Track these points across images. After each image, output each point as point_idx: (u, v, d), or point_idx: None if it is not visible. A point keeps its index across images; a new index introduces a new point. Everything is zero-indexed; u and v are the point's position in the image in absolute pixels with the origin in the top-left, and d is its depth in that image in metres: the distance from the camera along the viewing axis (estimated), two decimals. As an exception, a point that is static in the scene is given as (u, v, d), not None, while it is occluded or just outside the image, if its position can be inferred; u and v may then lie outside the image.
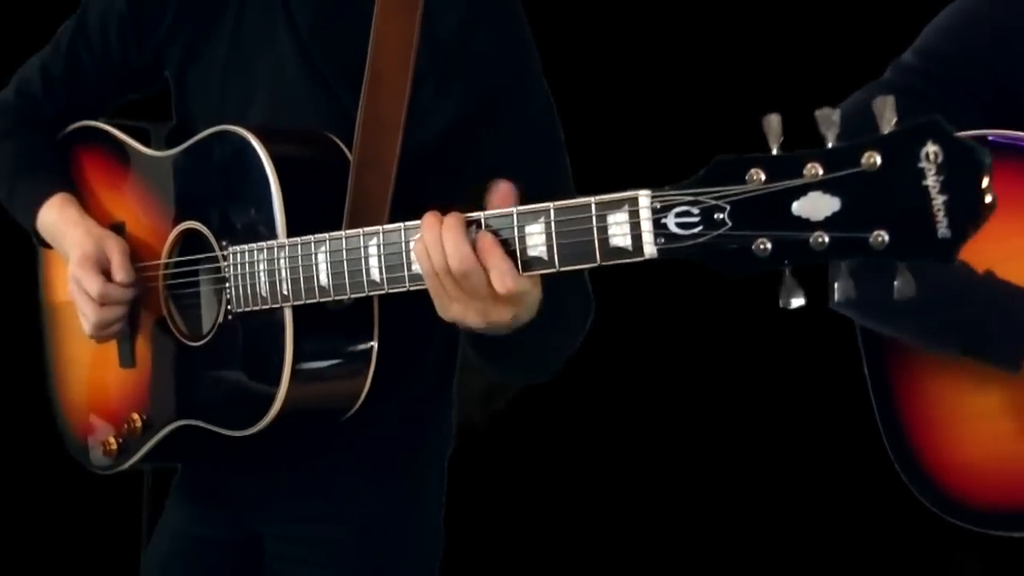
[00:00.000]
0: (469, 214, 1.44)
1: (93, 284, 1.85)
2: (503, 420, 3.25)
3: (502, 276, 1.41)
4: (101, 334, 1.90)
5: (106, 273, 1.87)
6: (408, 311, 1.64)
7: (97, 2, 2.00)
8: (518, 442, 3.36)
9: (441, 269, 1.44)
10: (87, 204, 2.00)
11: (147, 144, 1.97)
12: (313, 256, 1.61)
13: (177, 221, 1.84)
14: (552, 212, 1.39)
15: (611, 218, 1.34)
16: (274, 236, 1.66)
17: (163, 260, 1.86)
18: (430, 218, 1.45)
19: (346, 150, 1.72)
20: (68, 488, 2.86)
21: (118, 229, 1.94)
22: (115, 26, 1.97)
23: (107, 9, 1.98)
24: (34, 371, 2.19)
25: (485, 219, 1.43)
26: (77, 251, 1.89)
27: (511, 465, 3.44)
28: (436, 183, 1.67)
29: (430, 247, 1.44)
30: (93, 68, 2.02)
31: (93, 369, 2.05)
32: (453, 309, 1.48)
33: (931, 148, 1.14)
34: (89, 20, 2.01)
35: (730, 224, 1.25)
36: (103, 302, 1.85)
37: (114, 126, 2.02)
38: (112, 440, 1.97)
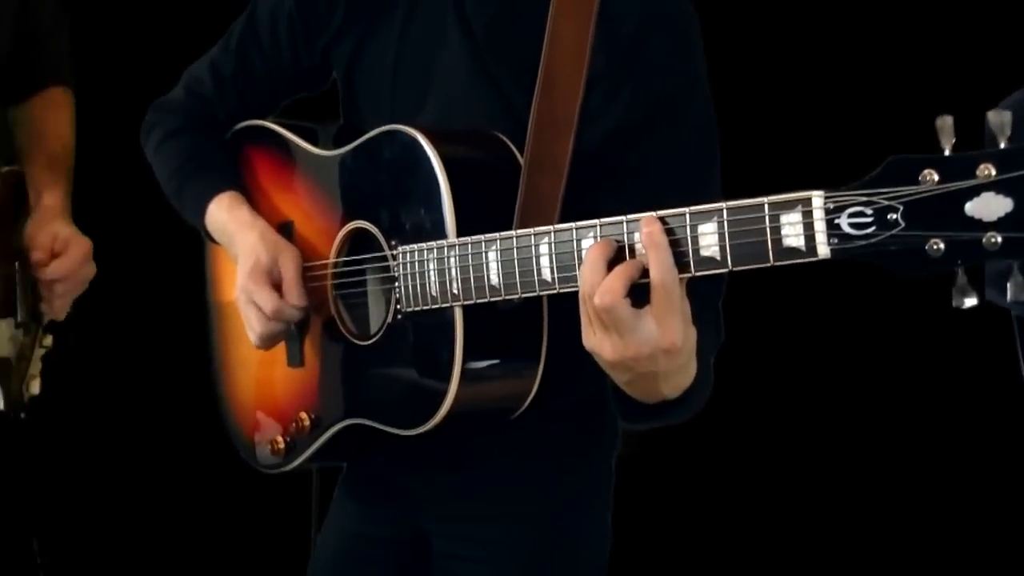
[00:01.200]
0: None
1: (267, 300, 1.96)
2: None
3: None
4: (265, 345, 2.04)
5: (276, 286, 1.98)
6: (578, 315, 1.76)
7: (267, 1, 2.13)
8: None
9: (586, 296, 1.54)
10: (256, 203, 2.12)
11: (315, 144, 2.09)
12: (484, 255, 1.72)
13: (346, 220, 1.98)
14: (725, 212, 1.48)
15: (784, 218, 1.42)
16: (443, 236, 1.78)
17: (332, 259, 1.99)
18: (594, 248, 1.55)
19: (516, 151, 1.83)
20: (237, 488, 3.00)
21: (287, 228, 2.08)
22: (285, 25, 2.10)
23: (277, 8, 2.10)
24: (202, 370, 2.34)
25: (661, 218, 1.53)
26: (249, 260, 1.99)
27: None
28: (599, 186, 1.78)
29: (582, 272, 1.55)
30: (263, 67, 2.15)
31: (261, 368, 2.19)
32: (591, 340, 1.57)
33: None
34: (259, 19, 2.14)
35: (903, 224, 1.33)
36: (273, 317, 1.97)
37: (282, 125, 2.16)
38: (280, 439, 2.11)
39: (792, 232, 1.42)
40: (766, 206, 1.44)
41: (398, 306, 1.86)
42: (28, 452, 2.29)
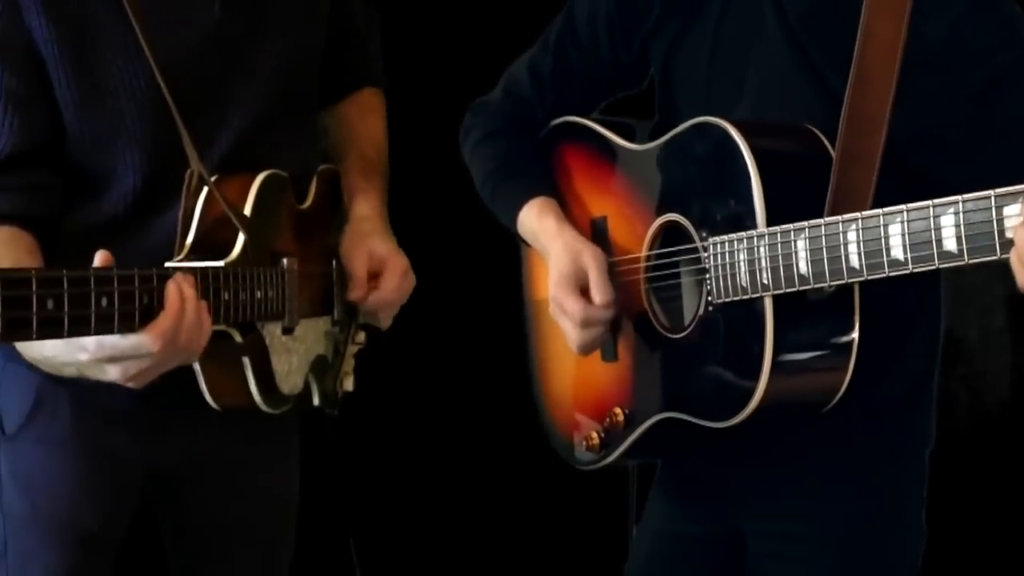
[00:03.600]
0: None
1: (574, 307, 2.13)
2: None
3: None
4: (585, 351, 2.20)
5: (584, 289, 2.14)
6: (890, 302, 1.86)
7: (584, 1, 2.28)
8: None
9: None
10: (570, 199, 2.30)
11: (632, 139, 2.23)
12: (792, 244, 1.84)
13: (658, 214, 2.12)
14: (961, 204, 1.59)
15: (1007, 210, 1.54)
16: (754, 226, 1.90)
17: (644, 253, 2.14)
18: None
19: (827, 143, 1.94)
20: (553, 485, 3.14)
21: (601, 223, 2.24)
22: (603, 22, 2.25)
23: (595, 6, 2.26)
24: (518, 367, 2.50)
25: (906, 211, 1.65)
26: (555, 270, 2.18)
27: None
28: (904, 178, 1.89)
29: None
30: (581, 66, 2.31)
31: (576, 363, 2.33)
32: None
33: None
34: (577, 17, 2.30)
35: None
36: (585, 325, 2.14)
37: (598, 121, 2.31)
38: (595, 435, 2.26)
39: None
40: (993, 198, 1.56)
41: (709, 298, 1.99)
42: (342, 450, 2.43)
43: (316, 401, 2.24)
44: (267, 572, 2.39)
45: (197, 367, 1.97)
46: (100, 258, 1.73)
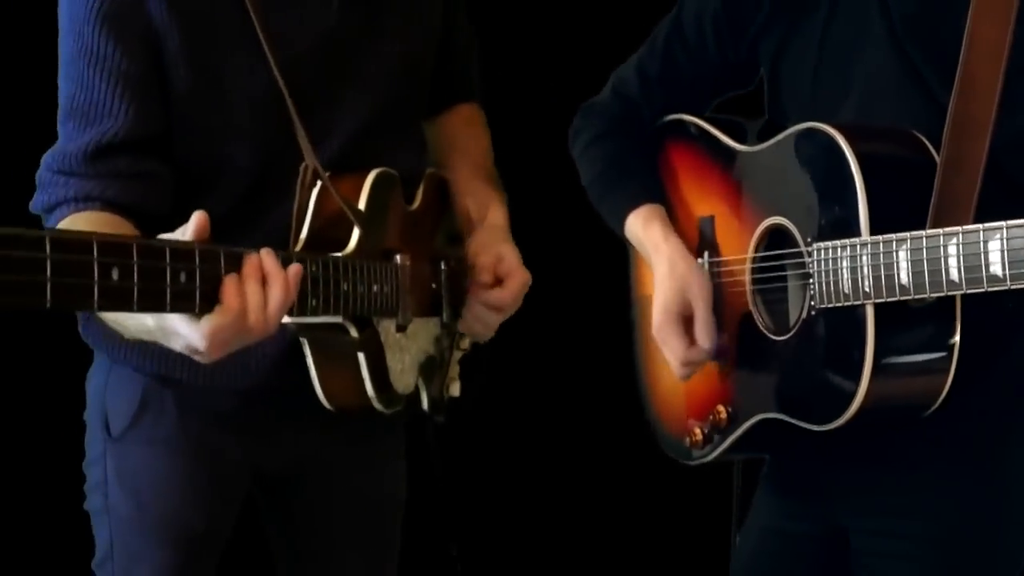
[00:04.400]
0: None
1: (678, 348, 2.23)
2: None
3: None
4: (686, 378, 2.29)
5: (689, 320, 2.23)
6: (992, 308, 1.91)
7: (692, 1, 2.33)
8: None
9: None
10: (677, 198, 2.36)
11: (740, 139, 2.29)
12: (894, 254, 1.89)
13: (763, 216, 2.17)
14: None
15: None
16: (857, 234, 1.95)
17: (749, 255, 2.20)
18: None
19: (933, 150, 1.98)
20: (658, 481, 3.19)
21: (708, 223, 2.30)
22: (711, 23, 2.30)
23: (703, 6, 2.31)
24: (623, 364, 2.56)
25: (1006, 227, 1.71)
26: (660, 300, 2.25)
27: None
28: (1007, 186, 1.93)
29: None
30: (690, 67, 2.36)
31: (680, 361, 2.41)
32: None
33: None
34: (685, 18, 2.35)
35: None
36: (686, 365, 2.24)
37: (708, 120, 2.36)
38: (698, 431, 2.32)
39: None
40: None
41: (812, 302, 2.04)
42: (446, 454, 2.45)
43: (425, 405, 2.27)
44: (373, 574, 2.42)
45: (311, 365, 2.00)
46: (197, 222, 1.70)
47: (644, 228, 2.31)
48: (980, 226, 1.78)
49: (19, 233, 1.32)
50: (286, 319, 1.79)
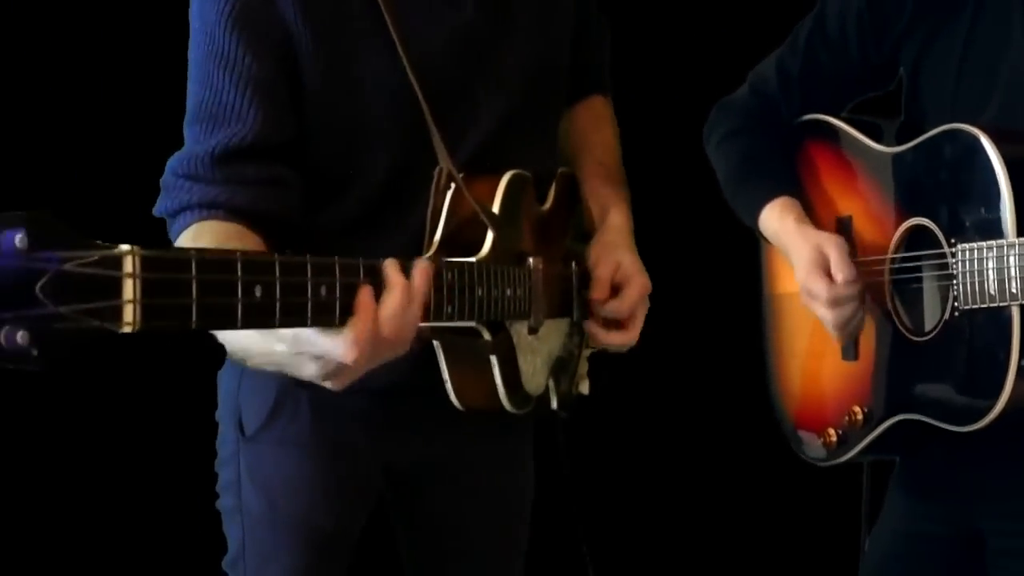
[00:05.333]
0: None
1: (820, 287, 2.20)
2: None
3: None
4: (845, 333, 2.26)
5: (829, 272, 2.20)
6: None
7: (835, 0, 2.32)
8: None
9: None
10: (814, 197, 2.35)
11: (878, 140, 2.28)
12: (1043, 255, 1.88)
13: (904, 217, 2.16)
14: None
15: None
16: (1003, 235, 1.94)
17: (889, 255, 2.18)
18: None
19: None
20: (787, 482, 3.18)
21: (845, 222, 2.29)
22: (854, 22, 2.30)
23: (846, 5, 2.30)
24: (752, 364, 2.57)
25: None
26: (799, 261, 2.24)
27: None
28: None
29: None
30: (830, 66, 2.35)
31: (814, 361, 2.41)
32: None
33: None
34: (828, 17, 2.34)
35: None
36: (834, 304, 2.20)
37: (845, 120, 2.35)
38: (832, 432, 2.32)
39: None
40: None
41: (955, 304, 2.03)
42: (577, 454, 2.44)
43: (554, 404, 2.26)
44: (501, 573, 2.43)
45: (444, 368, 2.01)
46: None
47: (780, 219, 2.31)
48: None
49: (164, 255, 1.30)
50: (421, 323, 1.77)
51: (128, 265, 1.23)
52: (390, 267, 1.65)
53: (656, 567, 3.86)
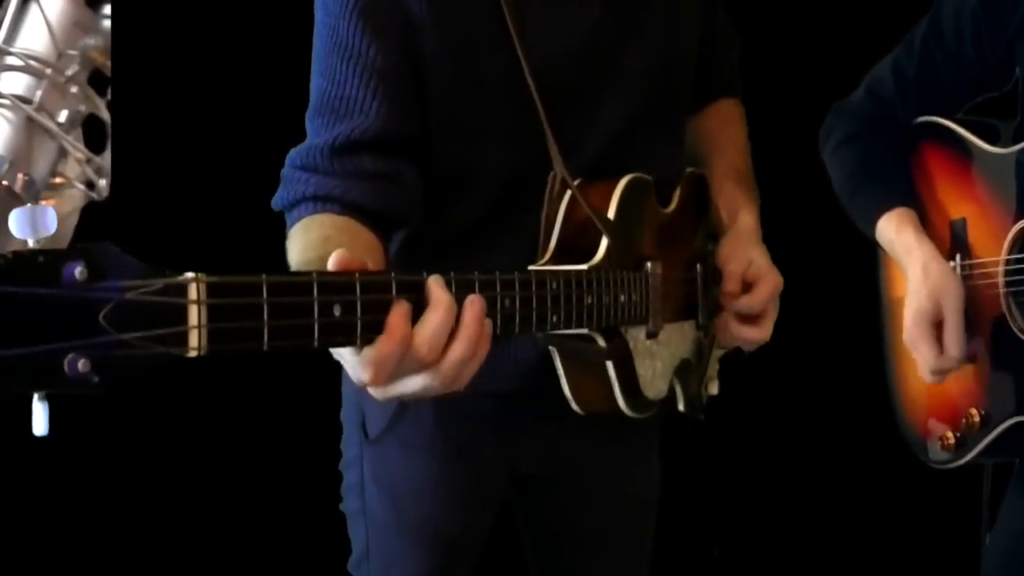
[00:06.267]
0: None
1: (928, 356, 2.25)
2: None
3: None
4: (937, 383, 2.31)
5: (939, 325, 2.24)
6: None
7: (950, 1, 2.33)
8: None
9: None
10: (928, 199, 2.37)
11: (994, 141, 2.29)
12: None
13: (1018, 218, 2.18)
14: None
15: None
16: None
17: (1004, 256, 2.20)
18: None
19: None
20: (908, 482, 3.17)
21: (960, 225, 2.30)
22: (969, 23, 2.30)
23: (961, 6, 2.31)
24: (875, 365, 2.59)
25: None
26: (912, 303, 2.27)
27: None
28: None
29: None
30: (947, 67, 2.36)
31: (931, 364, 2.42)
32: None
33: None
34: (943, 19, 2.35)
35: None
36: (936, 373, 2.26)
37: (960, 122, 2.37)
38: (950, 435, 2.34)
39: None
40: None
41: (1069, 306, 2.04)
42: (707, 455, 2.43)
43: (681, 406, 2.25)
44: (627, 574, 2.43)
45: (561, 373, 2.00)
46: (337, 259, 1.49)
47: (897, 231, 2.33)
48: None
49: (231, 281, 1.30)
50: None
51: (193, 292, 1.25)
52: (435, 285, 1.52)
53: (782, 566, 3.87)
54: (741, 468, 3.76)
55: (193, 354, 1.25)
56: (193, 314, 1.25)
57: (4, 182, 3.09)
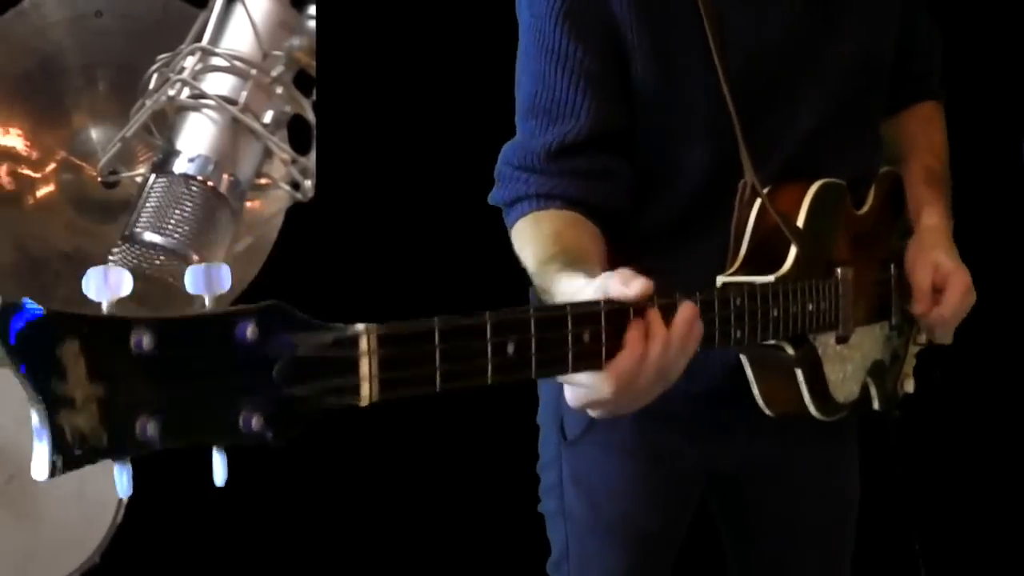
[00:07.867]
0: None
1: None
2: None
3: None
4: None
5: None
6: None
7: None
8: None
9: None
10: None
11: None
12: None
13: None
14: None
15: None
16: None
17: None
18: None
19: None
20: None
21: None
22: None
23: None
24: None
25: None
26: None
27: None
28: None
29: None
30: None
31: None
32: None
33: None
34: None
35: None
36: None
37: None
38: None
39: None
40: None
41: None
42: (906, 450, 2.42)
43: (876, 405, 2.24)
44: (830, 573, 2.43)
45: (751, 378, 2.02)
46: (640, 287, 1.53)
47: None
48: None
49: (402, 329, 1.32)
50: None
51: (364, 344, 1.27)
52: (654, 317, 1.56)
53: (986, 567, 3.86)
54: (941, 464, 3.73)
55: (364, 404, 1.29)
56: (364, 365, 1.28)
57: (210, 183, 3.20)
